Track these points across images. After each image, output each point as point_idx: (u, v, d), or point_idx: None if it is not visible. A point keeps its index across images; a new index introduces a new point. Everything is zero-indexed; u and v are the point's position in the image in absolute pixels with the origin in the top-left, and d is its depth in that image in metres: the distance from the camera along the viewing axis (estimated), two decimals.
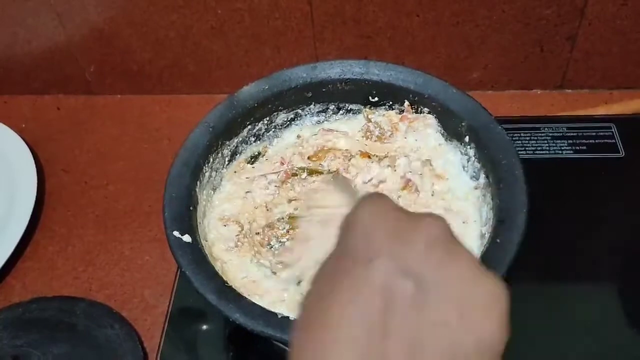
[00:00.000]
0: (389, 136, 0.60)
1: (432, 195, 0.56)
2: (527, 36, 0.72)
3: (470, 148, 0.54)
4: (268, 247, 0.53)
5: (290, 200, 0.56)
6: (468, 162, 0.55)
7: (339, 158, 0.58)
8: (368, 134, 0.60)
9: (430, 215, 0.31)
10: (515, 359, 0.53)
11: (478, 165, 0.54)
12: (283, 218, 0.55)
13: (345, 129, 0.61)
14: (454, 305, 0.28)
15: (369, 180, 0.57)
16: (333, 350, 0.27)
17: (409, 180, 0.56)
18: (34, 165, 0.73)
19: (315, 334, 0.28)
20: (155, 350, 0.57)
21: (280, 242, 0.53)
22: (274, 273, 0.51)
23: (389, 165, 0.57)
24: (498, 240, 0.46)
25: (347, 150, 0.59)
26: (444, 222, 0.31)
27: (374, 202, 0.31)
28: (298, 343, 0.29)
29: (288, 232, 0.54)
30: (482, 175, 0.53)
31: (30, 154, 0.74)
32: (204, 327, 0.59)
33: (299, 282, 0.50)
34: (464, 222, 0.53)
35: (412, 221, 0.30)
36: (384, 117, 0.60)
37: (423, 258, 0.29)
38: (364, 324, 0.27)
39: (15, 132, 0.77)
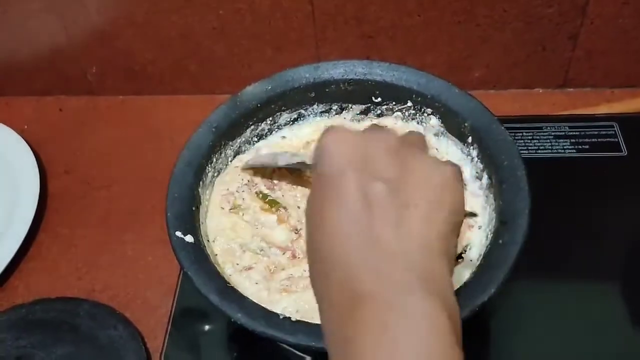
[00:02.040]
0: None
1: None
2: (528, 35, 0.71)
3: (473, 149, 0.54)
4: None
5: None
6: (471, 162, 0.55)
7: None
8: None
9: (380, 129, 0.39)
10: (516, 359, 0.54)
11: (481, 166, 0.53)
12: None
13: None
14: (420, 189, 0.34)
15: None
16: (335, 244, 0.34)
17: None
18: (36, 167, 0.73)
19: (320, 239, 0.35)
20: (158, 351, 0.58)
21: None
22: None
23: None
24: (500, 241, 0.46)
25: None
26: (394, 133, 0.38)
27: (333, 131, 0.37)
28: (309, 247, 0.36)
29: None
30: (485, 176, 0.53)
31: (33, 155, 0.74)
32: (207, 327, 0.59)
33: None
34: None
35: (367, 139, 0.37)
36: None
37: (385, 164, 0.35)
38: (353, 220, 0.34)
39: (18, 133, 0.77)
